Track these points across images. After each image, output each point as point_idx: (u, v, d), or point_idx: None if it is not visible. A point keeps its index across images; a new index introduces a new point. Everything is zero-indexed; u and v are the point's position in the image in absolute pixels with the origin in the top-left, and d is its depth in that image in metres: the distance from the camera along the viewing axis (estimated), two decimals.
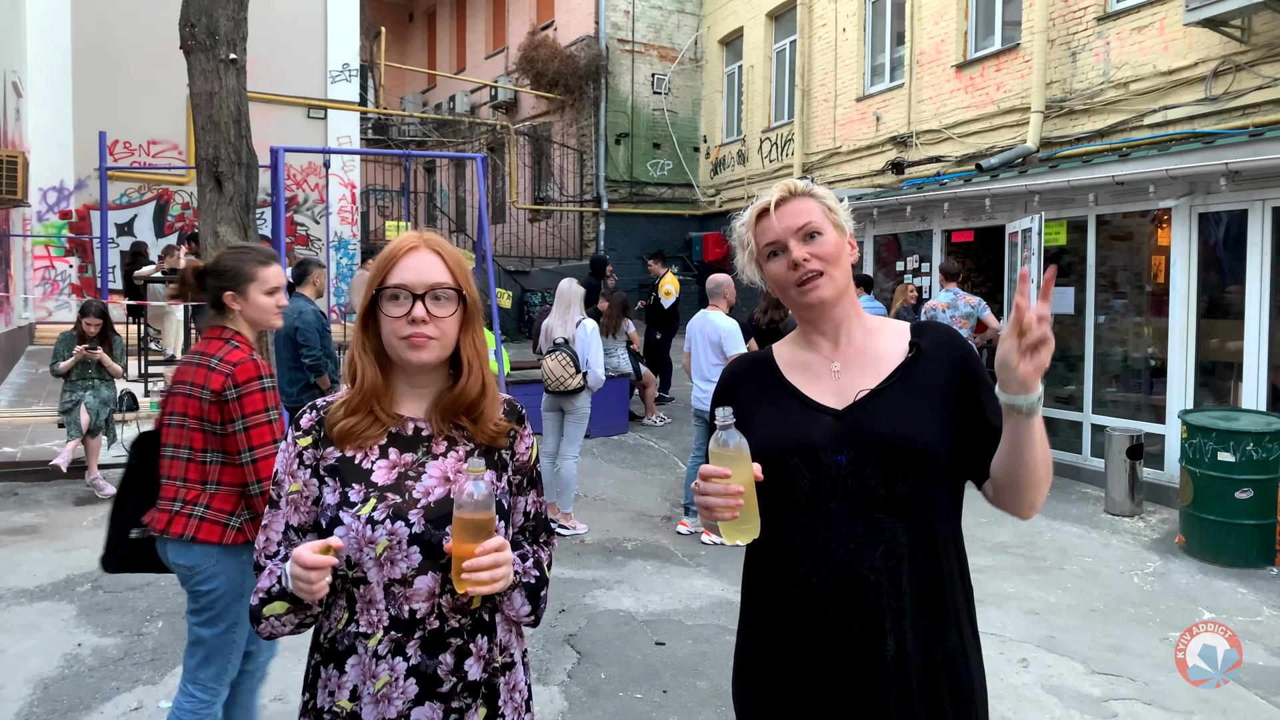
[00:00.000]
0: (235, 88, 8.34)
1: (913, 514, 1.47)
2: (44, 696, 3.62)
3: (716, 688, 3.83)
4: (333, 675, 1.47)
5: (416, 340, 1.45)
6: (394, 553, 1.42)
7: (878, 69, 13.10)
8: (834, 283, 1.55)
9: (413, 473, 1.48)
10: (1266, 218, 6.52)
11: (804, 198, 1.57)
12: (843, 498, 1.48)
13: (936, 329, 1.61)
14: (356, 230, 16.15)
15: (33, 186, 12.06)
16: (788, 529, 1.52)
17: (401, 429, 1.51)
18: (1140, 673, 4.06)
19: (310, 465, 1.49)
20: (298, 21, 14.99)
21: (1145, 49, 8.77)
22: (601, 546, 5.81)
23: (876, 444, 1.48)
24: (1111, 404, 7.95)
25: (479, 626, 1.50)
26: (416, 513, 1.44)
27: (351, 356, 1.51)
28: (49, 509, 6.31)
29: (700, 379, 6.10)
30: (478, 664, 1.49)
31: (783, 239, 1.55)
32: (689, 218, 17.67)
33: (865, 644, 1.46)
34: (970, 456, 1.53)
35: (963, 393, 1.54)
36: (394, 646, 1.43)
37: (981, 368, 1.59)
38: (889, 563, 1.46)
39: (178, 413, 2.55)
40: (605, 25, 16.72)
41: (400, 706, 1.44)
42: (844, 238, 1.57)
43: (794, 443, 1.52)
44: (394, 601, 1.43)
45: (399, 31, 24.98)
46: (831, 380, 1.57)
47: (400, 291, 1.45)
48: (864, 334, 1.61)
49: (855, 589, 1.46)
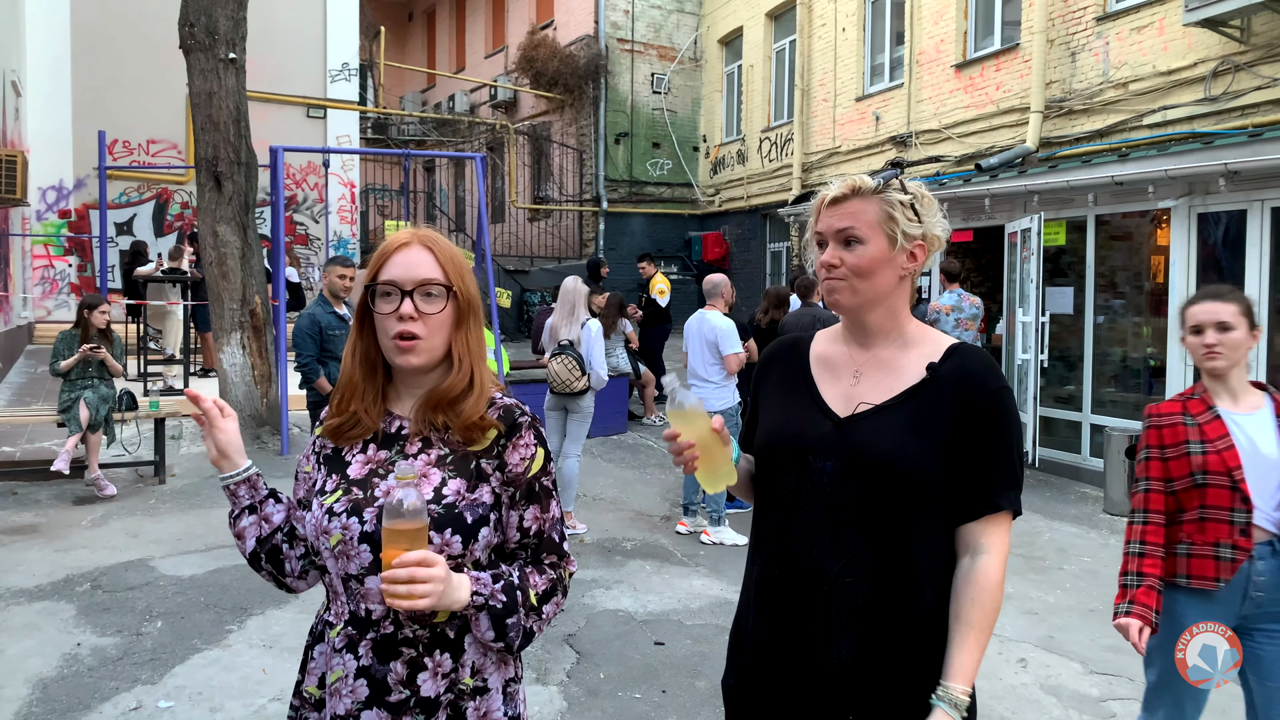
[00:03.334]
0: (234, 87, 8.37)
1: (883, 536, 1.46)
2: (43, 696, 3.62)
3: (715, 688, 3.83)
4: (317, 659, 1.50)
5: (404, 344, 1.43)
6: (347, 548, 1.41)
7: (877, 69, 13.11)
8: (856, 294, 1.53)
9: (381, 470, 1.46)
10: (1265, 218, 6.52)
11: (865, 199, 1.52)
12: (819, 504, 1.49)
13: (971, 358, 1.52)
14: (356, 230, 16.14)
15: (32, 186, 12.05)
16: (768, 519, 1.58)
17: (388, 426, 1.51)
18: (1139, 673, 4.04)
19: (317, 452, 1.55)
20: (297, 21, 14.99)
21: (1145, 49, 8.77)
22: (600, 546, 5.81)
23: (861, 461, 1.47)
24: (1110, 404, 7.96)
25: (439, 641, 1.41)
26: (371, 510, 1.41)
27: (347, 355, 1.54)
28: (48, 509, 6.30)
29: (697, 379, 6.10)
30: (434, 681, 1.40)
31: (825, 235, 1.56)
32: (688, 217, 17.68)
33: (814, 648, 1.48)
34: (951, 499, 1.48)
35: (966, 432, 1.47)
36: (348, 642, 1.43)
37: (1005, 417, 1.48)
38: (846, 578, 1.46)
39: None
40: (605, 25, 16.71)
41: (349, 705, 1.40)
42: (895, 248, 1.51)
43: (790, 441, 1.55)
44: (352, 597, 1.43)
45: (398, 31, 24.97)
46: (849, 383, 1.57)
47: (390, 288, 1.44)
48: (900, 344, 1.57)
49: (808, 593, 1.48)
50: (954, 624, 1.45)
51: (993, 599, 1.45)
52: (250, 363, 8.29)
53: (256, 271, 8.40)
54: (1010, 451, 1.49)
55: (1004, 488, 1.47)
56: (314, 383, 5.77)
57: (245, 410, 8.25)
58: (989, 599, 1.44)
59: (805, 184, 14.07)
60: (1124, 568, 2.48)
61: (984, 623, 1.44)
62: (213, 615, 4.47)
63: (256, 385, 8.33)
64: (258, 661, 3.96)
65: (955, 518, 1.49)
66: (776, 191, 14.98)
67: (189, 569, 5.12)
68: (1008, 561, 1.49)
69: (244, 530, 1.56)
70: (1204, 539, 2.41)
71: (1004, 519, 1.49)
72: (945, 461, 1.46)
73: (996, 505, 1.47)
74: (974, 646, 1.43)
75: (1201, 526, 2.42)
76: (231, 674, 3.84)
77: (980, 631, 1.43)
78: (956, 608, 1.46)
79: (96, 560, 5.22)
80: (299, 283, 12.85)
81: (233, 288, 8.22)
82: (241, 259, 8.23)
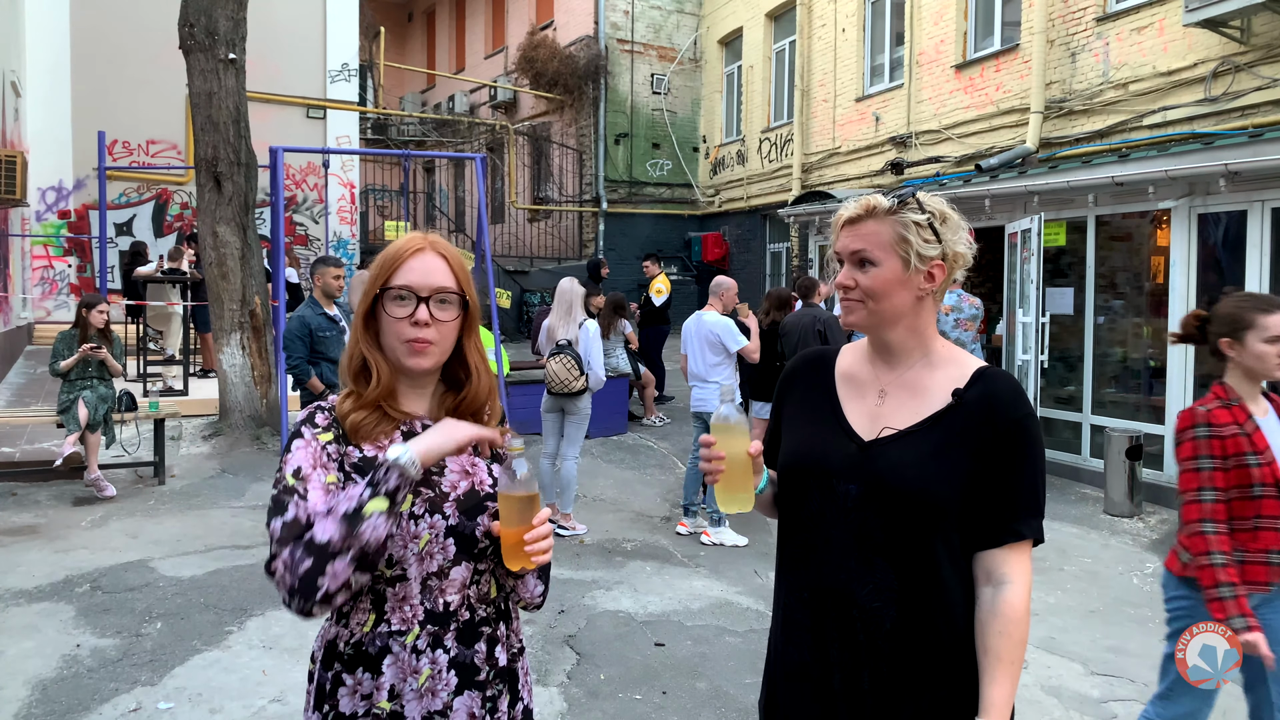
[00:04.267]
0: (234, 88, 8.37)
1: (909, 562, 1.46)
2: (42, 698, 3.61)
3: (716, 689, 3.82)
4: (364, 679, 1.46)
5: (418, 346, 1.46)
6: (432, 546, 1.45)
7: (877, 69, 13.11)
8: (870, 314, 1.53)
9: (435, 468, 1.50)
10: (1266, 218, 6.52)
11: (880, 220, 1.50)
12: (843, 528, 1.49)
13: (998, 383, 1.51)
14: (355, 230, 16.14)
15: (31, 186, 12.05)
16: (793, 541, 1.57)
17: (411, 427, 1.52)
18: (1140, 674, 4.06)
19: (336, 460, 1.46)
20: (297, 21, 14.98)
21: (1145, 50, 8.77)
22: (601, 547, 5.80)
23: (886, 488, 1.46)
24: (1111, 404, 7.96)
25: (500, 615, 1.56)
26: (450, 505, 1.47)
27: (356, 353, 1.51)
28: (47, 509, 6.30)
29: (698, 380, 6.10)
30: (504, 651, 1.55)
31: (840, 256, 1.57)
32: (688, 218, 17.68)
33: (842, 671, 1.48)
34: (972, 525, 1.48)
35: (991, 459, 1.46)
36: (432, 640, 1.46)
37: (1031, 445, 1.48)
38: (875, 603, 1.46)
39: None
40: (605, 25, 16.71)
41: (445, 698, 1.47)
42: (909, 270, 1.49)
43: (814, 463, 1.54)
44: (429, 595, 1.46)
45: (398, 31, 24.97)
46: (874, 403, 1.56)
47: (405, 293, 1.46)
48: (924, 365, 1.55)
49: (839, 617, 1.48)
50: (984, 658, 1.45)
51: (1020, 630, 1.44)
52: (250, 363, 8.29)
53: (256, 272, 8.39)
54: (1035, 478, 1.48)
55: (1028, 515, 1.48)
56: (306, 383, 5.76)
57: (245, 411, 8.25)
58: (1017, 630, 1.44)
59: (805, 184, 14.07)
60: (1214, 579, 2.41)
61: (1013, 654, 1.44)
62: (212, 616, 4.46)
63: (256, 386, 8.33)
64: (257, 663, 3.95)
65: (976, 544, 1.48)
66: (776, 192, 14.98)
67: (189, 570, 5.11)
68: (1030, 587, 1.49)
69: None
70: (1257, 546, 2.47)
71: (1026, 547, 1.48)
72: (968, 488, 1.46)
73: (1020, 534, 1.47)
74: (1005, 680, 1.43)
75: (1256, 535, 2.47)
76: (231, 675, 3.84)
77: (1010, 664, 1.43)
78: (984, 641, 1.45)
79: (96, 561, 5.21)
80: (299, 283, 12.85)
81: (232, 288, 8.21)
82: (241, 259, 8.23)
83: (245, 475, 7.23)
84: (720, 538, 5.95)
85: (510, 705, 1.57)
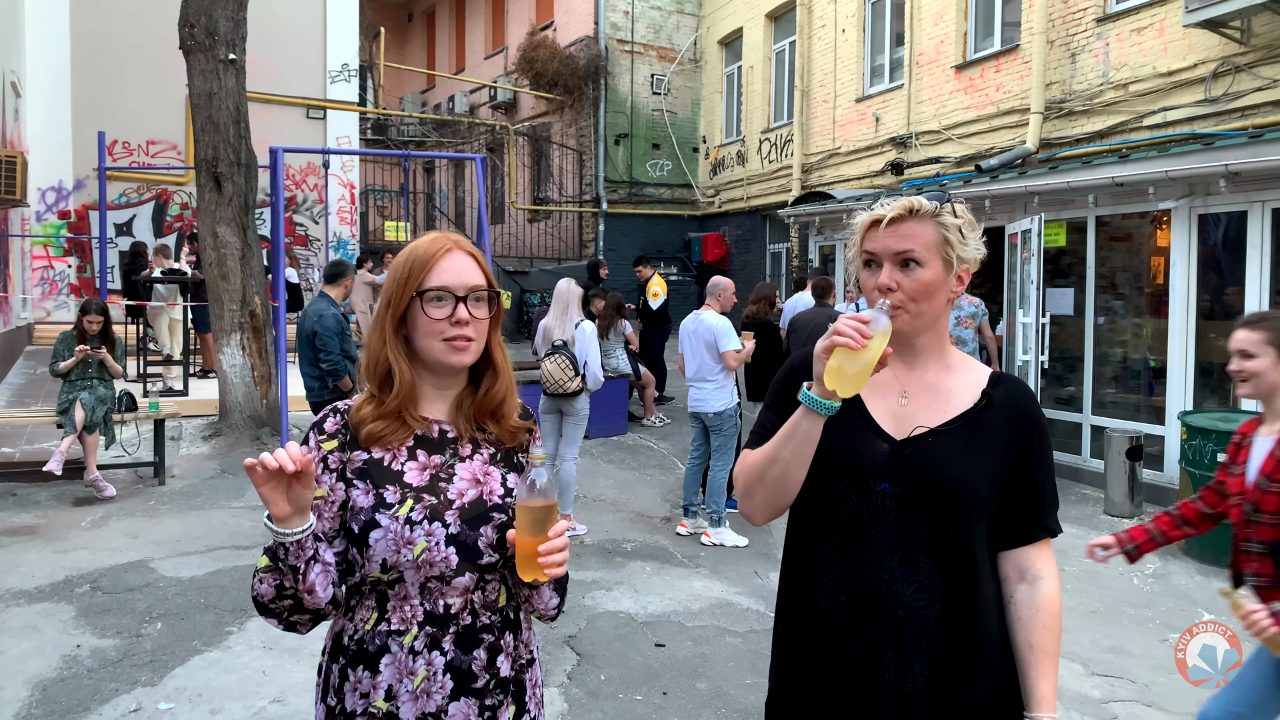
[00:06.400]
0: (234, 88, 8.36)
1: (951, 557, 1.47)
2: (42, 698, 3.61)
3: (716, 689, 3.82)
4: (364, 677, 1.46)
5: (459, 344, 1.47)
6: (431, 554, 1.44)
7: (877, 70, 13.11)
8: (914, 317, 1.51)
9: (444, 475, 1.50)
10: (1266, 219, 6.52)
11: (923, 221, 1.49)
12: (883, 528, 1.48)
13: (1018, 386, 1.58)
14: (355, 230, 16.14)
15: (31, 186, 12.05)
16: (824, 544, 1.53)
17: (427, 431, 1.52)
18: (1140, 674, 4.06)
19: (335, 469, 1.46)
20: (297, 21, 14.98)
21: (1145, 50, 8.77)
22: (601, 548, 5.80)
23: (926, 483, 1.47)
24: (1111, 405, 7.95)
25: (507, 624, 1.53)
26: (452, 514, 1.46)
27: (381, 358, 1.49)
28: (47, 510, 6.29)
29: (697, 381, 6.09)
30: (508, 661, 1.53)
31: (880, 256, 1.51)
32: (688, 218, 17.68)
33: (887, 674, 1.46)
34: (1001, 523, 1.54)
35: (1020, 460, 1.52)
36: (430, 641, 1.45)
37: (1049, 446, 1.57)
38: (919, 601, 1.46)
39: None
40: (604, 25, 16.72)
41: (439, 700, 1.46)
42: (950, 272, 1.50)
43: (847, 463, 1.51)
44: (429, 597, 1.46)
45: (398, 32, 24.97)
46: (897, 404, 1.55)
47: (443, 293, 1.47)
48: (942, 369, 1.57)
49: (881, 619, 1.47)
50: (1029, 653, 1.50)
51: (1059, 624, 1.52)
52: (250, 364, 8.28)
53: (256, 272, 8.39)
54: (1052, 476, 1.57)
55: (1052, 511, 1.55)
56: (339, 381, 5.78)
57: (245, 411, 8.25)
58: (1058, 625, 1.52)
59: (805, 185, 14.07)
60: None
61: (1056, 647, 1.52)
62: (213, 617, 4.46)
63: (256, 386, 8.33)
64: (258, 663, 3.95)
65: (1004, 541, 1.54)
66: (776, 192, 14.98)
67: (189, 570, 5.11)
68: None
69: (314, 584, 1.38)
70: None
71: (1050, 543, 1.57)
72: (998, 485, 1.51)
73: (1050, 530, 1.55)
74: (1051, 674, 1.50)
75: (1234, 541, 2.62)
76: (231, 675, 3.83)
77: (1054, 658, 1.51)
78: (1029, 636, 1.51)
79: (96, 561, 5.21)
80: (298, 283, 12.85)
81: (232, 289, 8.21)
82: (241, 260, 8.23)
83: (245, 475, 7.21)
84: (720, 538, 5.94)
85: (515, 717, 1.54)
